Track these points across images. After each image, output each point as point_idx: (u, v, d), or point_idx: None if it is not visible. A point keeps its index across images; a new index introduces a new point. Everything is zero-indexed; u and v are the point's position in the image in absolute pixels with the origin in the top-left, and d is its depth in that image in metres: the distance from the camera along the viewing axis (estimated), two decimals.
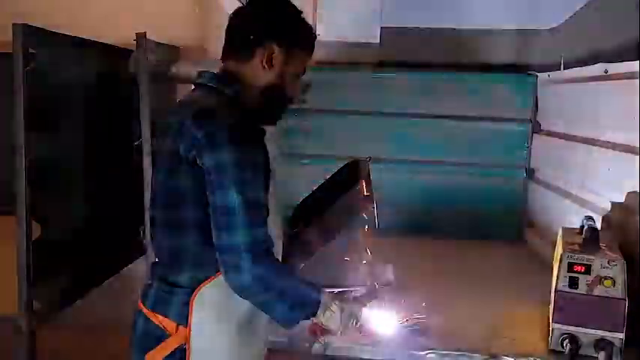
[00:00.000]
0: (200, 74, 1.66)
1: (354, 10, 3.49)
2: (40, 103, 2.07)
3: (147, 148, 2.27)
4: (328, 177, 2.02)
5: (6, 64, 1.99)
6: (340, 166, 2.15)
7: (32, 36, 2.01)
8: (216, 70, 1.67)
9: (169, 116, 1.63)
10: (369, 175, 2.01)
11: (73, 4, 3.55)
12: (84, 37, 2.36)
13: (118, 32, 2.56)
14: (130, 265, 2.73)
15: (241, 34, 1.64)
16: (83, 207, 2.40)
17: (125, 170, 2.49)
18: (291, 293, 1.53)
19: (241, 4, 1.66)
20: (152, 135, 2.27)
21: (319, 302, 1.59)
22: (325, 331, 1.68)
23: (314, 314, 1.60)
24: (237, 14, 1.67)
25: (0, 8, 3.19)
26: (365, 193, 1.98)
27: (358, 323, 1.70)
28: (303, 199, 2.03)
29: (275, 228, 1.61)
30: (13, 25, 1.96)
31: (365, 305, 1.76)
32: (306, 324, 1.67)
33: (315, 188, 2.03)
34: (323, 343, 1.76)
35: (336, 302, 1.63)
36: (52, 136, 2.18)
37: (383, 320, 1.89)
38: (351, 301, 1.76)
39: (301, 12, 1.68)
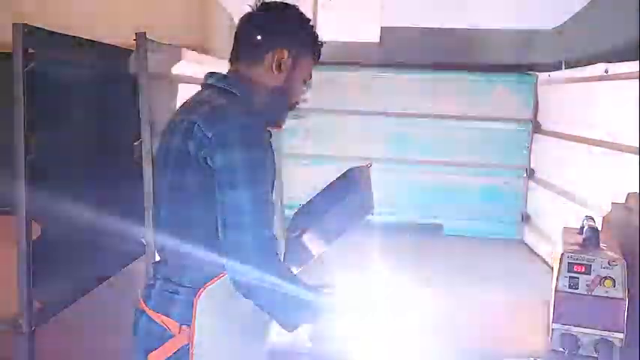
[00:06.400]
0: (209, 75, 1.68)
1: (354, 10, 3.49)
2: (40, 103, 2.07)
3: (147, 148, 2.26)
4: (329, 182, 2.03)
5: (6, 64, 1.99)
6: (340, 167, 2.16)
7: (32, 36, 2.00)
8: (219, 71, 1.69)
9: (177, 116, 1.63)
10: (369, 180, 2.02)
11: (73, 3, 3.55)
12: (84, 37, 2.36)
13: (118, 32, 2.56)
14: (129, 265, 2.73)
15: (253, 38, 1.67)
16: (83, 207, 2.40)
17: (125, 170, 2.49)
18: (295, 296, 1.53)
19: (251, 9, 1.68)
20: (152, 135, 2.27)
21: (322, 307, 1.59)
22: (326, 336, 1.68)
23: (316, 319, 1.61)
24: (248, 19, 1.70)
25: (0, 8, 3.19)
26: (364, 197, 1.98)
27: (358, 329, 1.70)
28: (304, 204, 2.04)
29: (277, 228, 1.61)
30: (13, 25, 1.95)
31: (366, 310, 1.77)
32: (307, 326, 1.67)
33: (315, 194, 2.04)
34: (323, 348, 1.75)
35: (338, 308, 1.64)
36: (52, 136, 2.18)
37: (382, 322, 1.90)
38: (352, 307, 1.76)
39: (310, 20, 1.72)
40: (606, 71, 2.65)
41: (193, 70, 2.51)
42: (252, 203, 1.46)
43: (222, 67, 1.74)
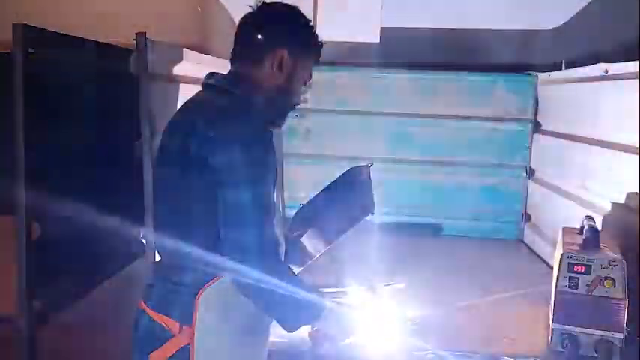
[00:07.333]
0: (209, 75, 1.68)
1: (354, 10, 3.49)
2: (40, 103, 2.07)
3: (147, 148, 2.26)
4: (329, 182, 2.04)
5: (6, 64, 1.99)
6: (340, 167, 2.16)
7: (32, 36, 2.00)
8: (219, 70, 1.69)
9: (178, 116, 1.64)
10: (369, 180, 2.02)
11: (72, 4, 3.55)
12: (84, 37, 2.36)
13: (118, 32, 2.55)
14: (129, 265, 2.73)
15: (253, 38, 1.67)
16: (83, 207, 2.39)
17: (125, 170, 2.49)
18: (296, 296, 1.53)
19: (252, 9, 1.69)
20: (152, 135, 2.27)
21: (323, 308, 1.59)
22: (327, 337, 1.68)
23: (317, 320, 1.61)
24: (249, 19, 1.70)
25: (0, 8, 3.19)
26: (365, 197, 1.99)
27: (359, 330, 1.70)
28: (304, 204, 2.04)
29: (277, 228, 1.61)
30: (13, 25, 1.95)
31: (366, 311, 1.77)
32: (307, 327, 1.67)
33: (315, 194, 2.04)
34: (324, 349, 1.76)
35: (339, 309, 1.64)
36: (52, 136, 2.18)
37: (383, 323, 1.90)
38: (353, 308, 1.76)
39: (310, 20, 1.73)
40: (606, 71, 2.65)
41: (194, 70, 2.51)
42: (253, 203, 1.46)
43: (223, 67, 1.74)
